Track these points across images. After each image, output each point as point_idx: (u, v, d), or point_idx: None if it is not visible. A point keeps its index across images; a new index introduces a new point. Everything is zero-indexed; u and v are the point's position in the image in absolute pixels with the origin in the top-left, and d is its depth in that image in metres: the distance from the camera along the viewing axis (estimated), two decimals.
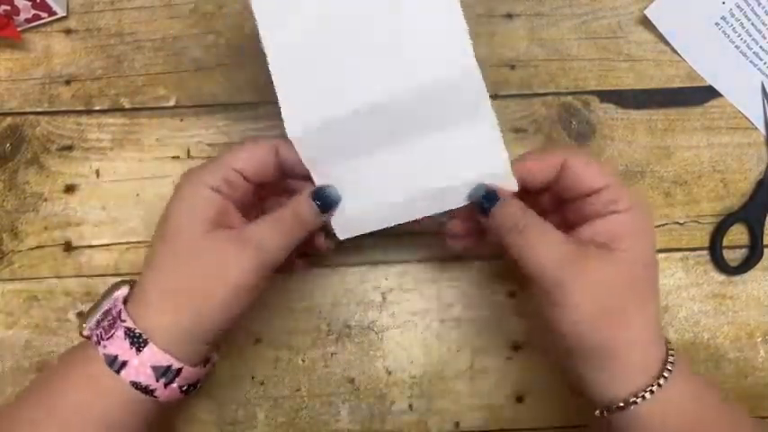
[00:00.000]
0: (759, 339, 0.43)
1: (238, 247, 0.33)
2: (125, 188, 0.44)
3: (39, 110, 0.45)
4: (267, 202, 0.38)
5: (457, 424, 0.43)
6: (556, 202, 0.36)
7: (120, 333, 0.32)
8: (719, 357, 0.43)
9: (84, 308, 0.43)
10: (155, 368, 0.32)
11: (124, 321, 0.32)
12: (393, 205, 0.35)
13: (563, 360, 0.34)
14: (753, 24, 0.45)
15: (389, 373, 0.43)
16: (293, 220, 0.34)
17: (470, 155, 0.34)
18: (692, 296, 0.44)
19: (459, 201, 0.34)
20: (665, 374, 0.31)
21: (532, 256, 0.32)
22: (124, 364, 0.32)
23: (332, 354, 0.43)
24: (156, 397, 0.32)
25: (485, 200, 0.33)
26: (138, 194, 0.44)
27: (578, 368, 0.32)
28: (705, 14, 0.45)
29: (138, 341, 0.32)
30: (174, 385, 0.33)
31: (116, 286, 0.35)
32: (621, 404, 0.31)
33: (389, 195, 0.35)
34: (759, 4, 0.45)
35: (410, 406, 0.43)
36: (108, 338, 0.32)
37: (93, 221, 0.44)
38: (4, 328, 0.43)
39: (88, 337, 0.34)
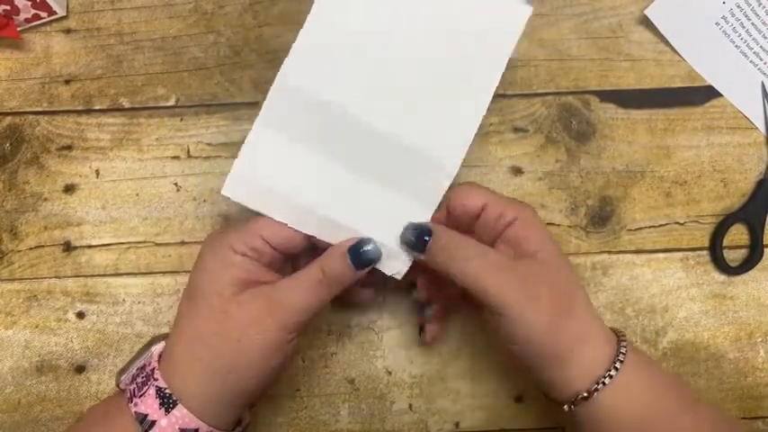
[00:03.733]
0: (759, 339, 0.43)
1: (266, 309, 0.32)
2: (125, 188, 0.44)
3: (38, 110, 0.45)
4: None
5: (457, 424, 0.43)
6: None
7: (151, 392, 0.32)
8: (719, 357, 0.43)
9: (84, 308, 0.43)
10: (182, 431, 0.32)
11: (156, 380, 0.32)
12: (321, 218, 0.35)
13: (524, 368, 0.35)
14: (753, 24, 0.45)
15: (389, 373, 0.43)
16: (326, 278, 0.33)
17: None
18: (692, 296, 0.44)
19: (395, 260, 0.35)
20: (620, 359, 0.32)
21: (481, 280, 0.32)
22: (153, 423, 0.31)
23: (332, 354, 0.43)
24: None
25: (417, 237, 0.34)
26: (137, 194, 0.44)
27: (538, 373, 0.34)
28: (705, 14, 0.45)
29: (167, 402, 0.31)
30: None
31: (153, 340, 0.35)
32: (585, 394, 0.32)
33: (326, 208, 0.35)
34: (759, 3, 0.45)
35: (410, 406, 0.43)
36: (140, 396, 0.32)
37: (93, 221, 0.44)
38: (4, 328, 0.43)
39: (123, 391, 0.33)
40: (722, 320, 0.44)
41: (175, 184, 0.44)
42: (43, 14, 0.44)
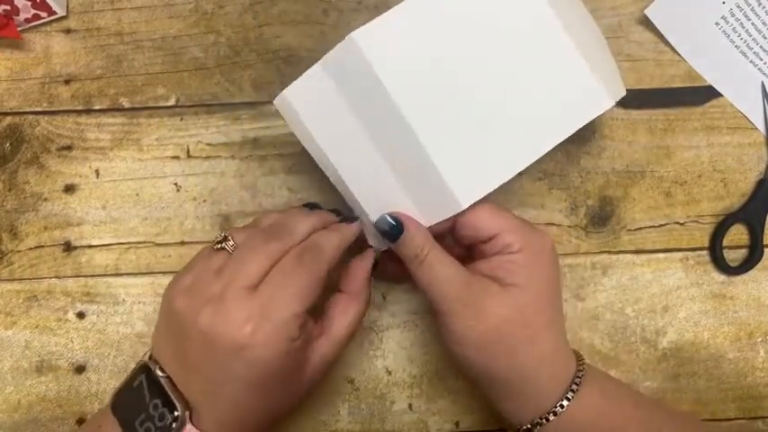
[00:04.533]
0: (759, 339, 0.43)
1: (306, 365, 0.34)
2: (125, 188, 0.44)
3: (38, 109, 0.45)
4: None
5: (457, 424, 0.43)
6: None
7: None
8: (719, 357, 0.43)
9: (84, 308, 0.43)
10: None
11: None
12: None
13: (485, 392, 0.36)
14: (753, 24, 0.45)
15: (389, 373, 0.43)
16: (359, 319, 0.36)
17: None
18: (692, 296, 0.44)
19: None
20: (569, 395, 0.33)
21: (432, 287, 0.33)
22: None
23: None
24: None
25: (390, 229, 0.34)
26: (137, 194, 0.44)
27: (486, 395, 0.35)
28: (705, 14, 0.45)
29: None
30: None
31: (145, 366, 0.33)
32: (528, 426, 0.33)
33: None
34: (759, 3, 0.45)
35: (410, 406, 0.43)
36: None
37: (93, 221, 0.44)
38: (4, 329, 0.43)
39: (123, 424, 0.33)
40: (722, 320, 0.44)
41: (175, 184, 0.44)
42: (43, 14, 0.44)
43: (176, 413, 0.31)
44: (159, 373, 0.32)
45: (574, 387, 0.33)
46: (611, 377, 0.38)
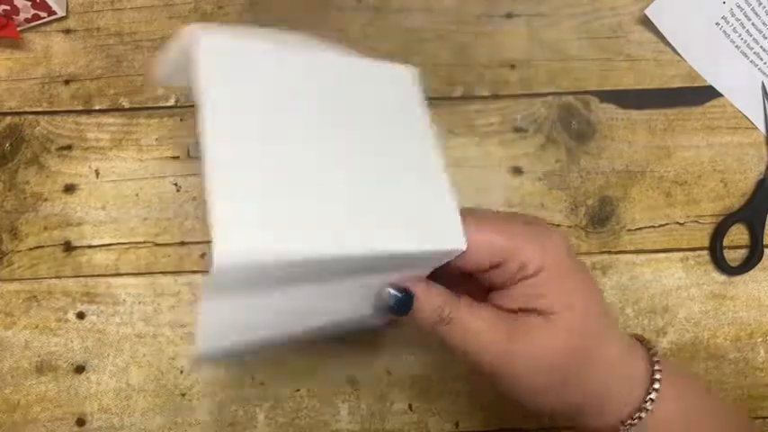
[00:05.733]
0: (759, 340, 0.43)
1: None
2: (125, 188, 0.44)
3: (38, 110, 0.44)
4: None
5: (457, 424, 0.43)
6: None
7: None
8: (720, 358, 0.43)
9: (84, 308, 0.43)
10: None
11: None
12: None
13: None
14: (753, 24, 0.45)
15: (389, 373, 0.43)
16: None
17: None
18: (692, 296, 0.44)
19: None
20: (651, 398, 0.30)
21: (471, 344, 0.29)
22: None
23: (332, 354, 0.43)
24: None
25: (398, 303, 0.29)
26: (137, 194, 0.44)
27: (570, 421, 0.32)
28: (705, 14, 0.45)
29: None
30: None
31: None
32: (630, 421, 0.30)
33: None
34: (759, 3, 0.45)
35: (410, 406, 0.43)
36: None
37: (93, 221, 0.44)
38: (4, 329, 0.43)
39: None
40: (722, 320, 0.44)
41: (175, 184, 0.44)
42: (43, 14, 0.44)
43: None
44: None
45: (653, 391, 0.30)
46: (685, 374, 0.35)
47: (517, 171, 0.44)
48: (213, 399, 0.42)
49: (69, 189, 0.44)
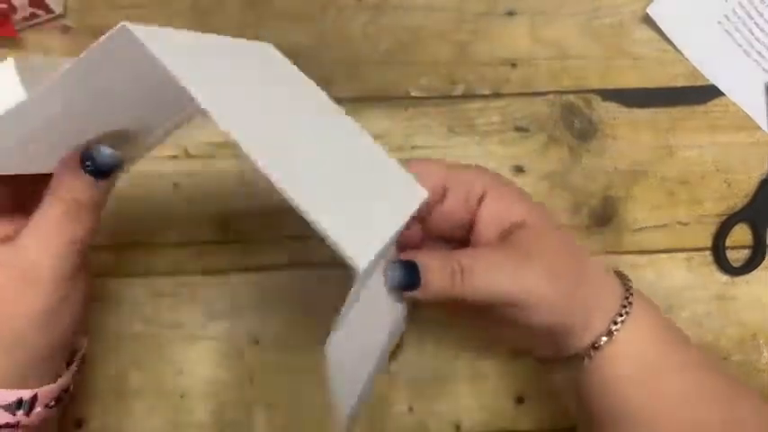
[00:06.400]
0: (762, 341, 0.43)
1: (23, 282, 0.28)
2: (123, 187, 0.44)
3: None
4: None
5: (457, 426, 0.42)
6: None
7: None
8: (723, 359, 0.43)
9: None
10: (3, 407, 0.29)
11: None
12: None
13: (528, 345, 0.33)
14: (755, 23, 0.45)
15: (389, 374, 0.43)
16: (68, 209, 0.28)
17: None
18: (695, 297, 0.43)
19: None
20: (623, 314, 0.30)
21: (495, 283, 0.29)
22: None
23: None
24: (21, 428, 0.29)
25: (408, 277, 0.28)
26: (136, 194, 0.44)
27: (549, 345, 0.32)
28: (708, 13, 0.45)
29: None
30: (38, 409, 0.30)
31: None
32: (596, 344, 0.30)
33: None
34: (762, 2, 0.44)
35: (410, 408, 0.42)
36: None
37: None
38: None
39: None
40: (725, 321, 0.43)
41: (175, 183, 0.44)
42: (41, 13, 0.44)
43: None
44: None
45: (620, 316, 0.30)
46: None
47: (519, 170, 0.44)
48: (212, 400, 0.42)
49: None
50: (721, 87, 0.45)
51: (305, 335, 0.43)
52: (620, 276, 0.33)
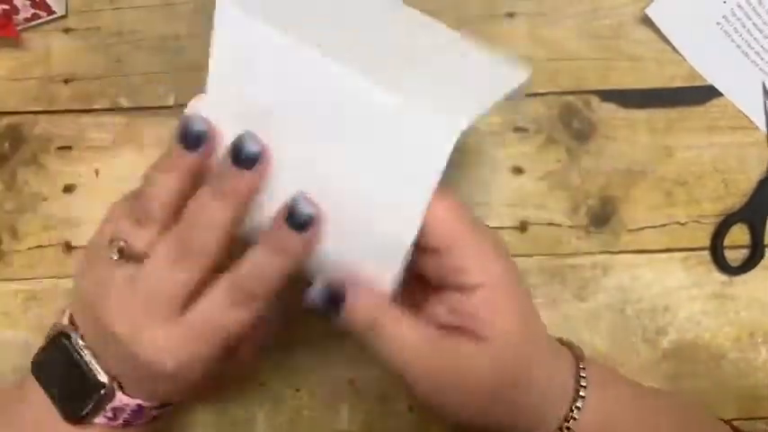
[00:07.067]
0: (760, 340, 0.43)
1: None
2: (124, 188, 0.44)
3: (38, 109, 0.44)
4: None
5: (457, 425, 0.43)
6: None
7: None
8: (720, 358, 0.43)
9: None
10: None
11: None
12: None
13: None
14: (754, 24, 0.45)
15: (390, 373, 0.43)
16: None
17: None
18: (692, 296, 0.44)
19: None
20: (577, 406, 0.31)
21: (394, 356, 0.29)
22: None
23: (332, 354, 0.43)
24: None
25: (330, 302, 0.28)
26: None
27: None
28: (706, 13, 0.45)
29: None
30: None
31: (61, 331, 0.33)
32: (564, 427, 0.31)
33: None
34: (760, 3, 0.44)
35: (410, 407, 0.43)
36: None
37: (93, 221, 0.43)
38: (3, 329, 0.43)
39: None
40: (723, 321, 0.43)
41: None
42: (42, 14, 0.44)
43: (103, 380, 0.31)
44: (80, 342, 0.32)
45: (577, 405, 0.31)
46: (615, 379, 0.36)
47: (517, 171, 0.44)
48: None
49: (69, 189, 0.44)
50: (720, 88, 0.45)
51: (305, 334, 0.43)
52: (570, 347, 0.33)
